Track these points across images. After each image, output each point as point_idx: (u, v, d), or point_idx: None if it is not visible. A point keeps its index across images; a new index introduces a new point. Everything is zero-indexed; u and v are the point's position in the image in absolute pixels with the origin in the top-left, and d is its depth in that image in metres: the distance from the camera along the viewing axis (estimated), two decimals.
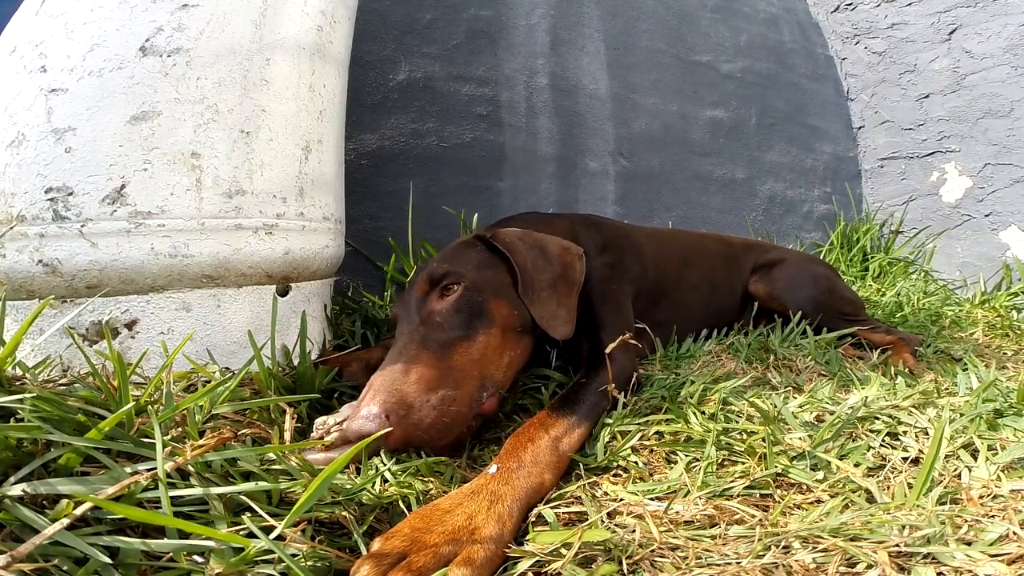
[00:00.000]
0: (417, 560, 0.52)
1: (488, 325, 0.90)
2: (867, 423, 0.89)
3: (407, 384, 0.76)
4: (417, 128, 1.99)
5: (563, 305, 0.97)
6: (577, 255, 1.06)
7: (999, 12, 2.55)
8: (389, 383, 0.76)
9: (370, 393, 0.76)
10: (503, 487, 0.64)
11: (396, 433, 0.72)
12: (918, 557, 0.56)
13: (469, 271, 0.95)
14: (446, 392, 0.78)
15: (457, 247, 1.04)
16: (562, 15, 2.36)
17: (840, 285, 1.68)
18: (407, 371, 0.78)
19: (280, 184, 1.02)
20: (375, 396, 0.74)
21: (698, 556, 0.57)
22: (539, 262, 1.00)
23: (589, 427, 0.84)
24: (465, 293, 0.91)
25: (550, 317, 0.95)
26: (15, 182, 0.87)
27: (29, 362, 0.80)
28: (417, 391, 0.76)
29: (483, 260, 0.99)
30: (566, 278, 1.01)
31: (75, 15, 0.92)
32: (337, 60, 1.22)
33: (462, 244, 1.04)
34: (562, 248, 1.06)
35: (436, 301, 0.91)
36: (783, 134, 2.95)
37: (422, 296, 0.92)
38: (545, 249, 1.03)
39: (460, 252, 1.01)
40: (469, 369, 0.83)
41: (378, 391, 0.75)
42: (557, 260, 1.03)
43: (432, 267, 0.96)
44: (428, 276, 0.93)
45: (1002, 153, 2.55)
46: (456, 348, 0.85)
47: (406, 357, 0.81)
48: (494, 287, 0.95)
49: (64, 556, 0.47)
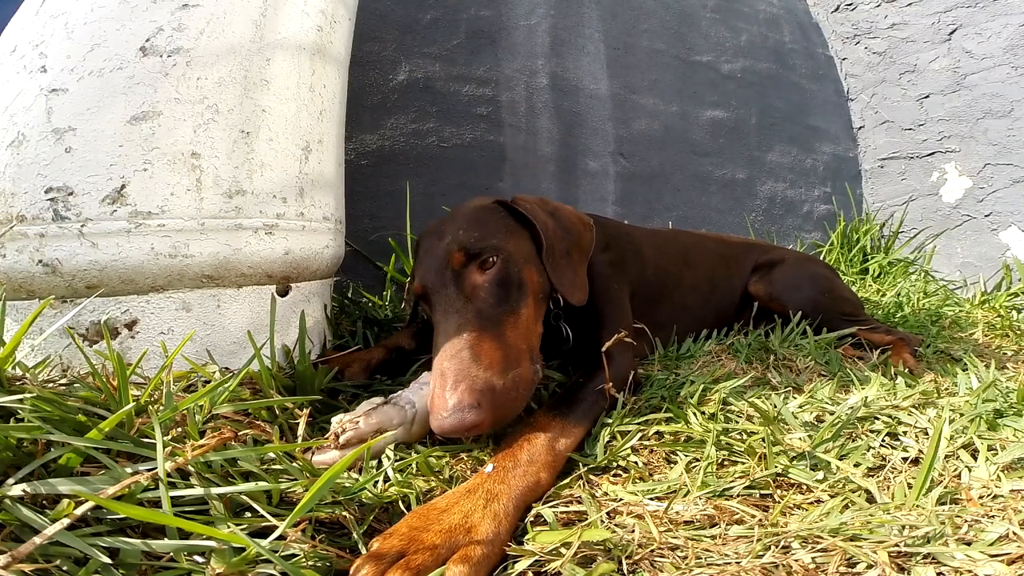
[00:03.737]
0: (415, 559, 0.53)
1: (525, 296, 0.91)
2: (867, 423, 0.89)
3: (483, 368, 0.76)
4: (417, 128, 1.99)
5: (578, 273, 1.00)
6: (588, 225, 1.08)
7: (999, 12, 2.55)
8: (465, 370, 0.75)
9: (448, 383, 0.74)
10: (499, 486, 0.65)
11: (488, 419, 0.72)
12: (918, 557, 0.56)
13: (503, 241, 0.93)
14: (515, 371, 0.79)
15: (478, 211, 1.00)
16: (562, 15, 2.36)
17: (839, 285, 1.68)
18: (476, 355, 0.77)
19: (280, 184, 1.02)
20: (457, 385, 0.73)
21: (698, 556, 0.57)
22: (557, 230, 1.01)
23: (587, 427, 0.84)
24: (504, 266, 0.90)
25: (568, 284, 0.97)
26: (15, 182, 0.87)
27: (29, 362, 0.80)
28: (493, 374, 0.76)
29: (510, 227, 0.98)
30: (580, 247, 1.03)
31: (75, 15, 0.92)
32: (337, 60, 1.22)
33: (483, 208, 1.01)
34: (576, 217, 1.08)
35: (477, 274, 0.89)
36: (783, 134, 2.95)
37: (459, 268, 0.89)
38: (560, 216, 1.04)
39: (485, 217, 0.98)
40: (520, 343, 0.85)
41: (459, 379, 0.74)
42: (572, 228, 1.04)
43: (462, 236, 0.91)
44: (463, 248, 0.90)
45: (1002, 153, 2.56)
46: (507, 324, 0.86)
47: (468, 339, 0.79)
48: (525, 255, 0.96)
49: (64, 556, 0.47)
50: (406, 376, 1.09)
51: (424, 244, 0.99)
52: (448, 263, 0.90)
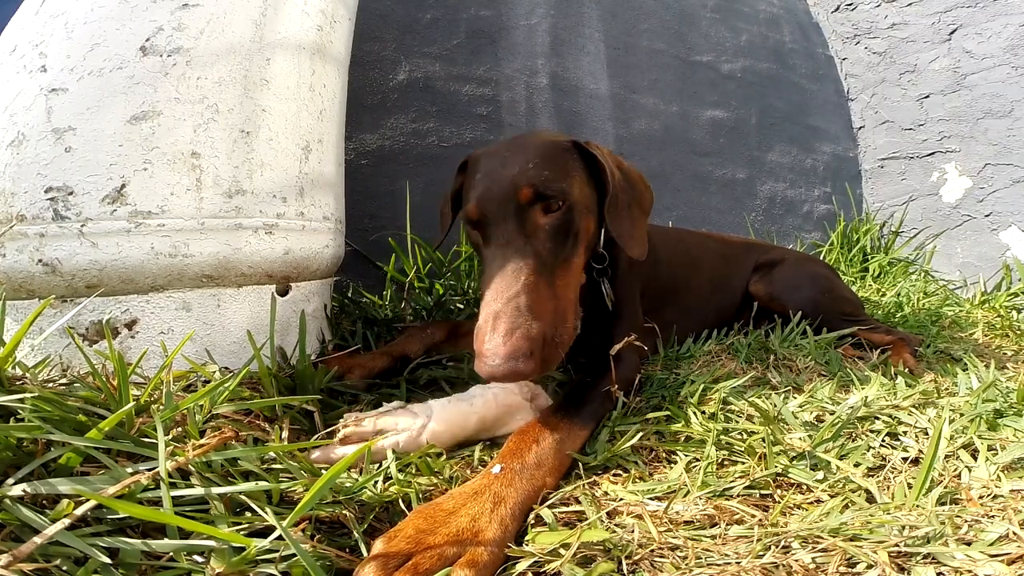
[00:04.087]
0: (423, 562, 0.52)
1: (578, 245, 0.91)
2: (867, 423, 0.89)
3: (536, 317, 0.76)
4: (417, 128, 1.99)
5: (637, 227, 0.99)
6: (648, 187, 1.07)
7: (999, 12, 2.55)
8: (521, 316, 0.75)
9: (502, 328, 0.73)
10: (506, 489, 0.64)
11: (536, 370, 0.73)
12: (918, 557, 0.56)
13: (573, 187, 0.92)
14: (562, 323, 0.80)
15: (550, 147, 0.95)
16: (562, 15, 2.36)
17: (840, 285, 1.68)
18: (531, 302, 0.77)
19: (280, 184, 1.02)
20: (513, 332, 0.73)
21: (698, 556, 0.57)
22: (623, 182, 0.99)
23: (592, 429, 0.84)
24: (568, 213, 0.89)
25: (627, 235, 0.95)
26: (15, 182, 0.87)
27: (29, 362, 0.80)
28: (546, 324, 0.76)
29: (578, 171, 0.96)
30: (641, 204, 1.03)
31: (75, 15, 0.92)
32: (337, 60, 1.22)
33: (555, 145, 0.96)
34: (639, 175, 1.07)
35: (540, 215, 0.87)
36: (783, 134, 2.95)
37: (525, 204, 0.86)
38: (626, 171, 1.03)
39: (556, 156, 0.94)
40: (569, 294, 0.86)
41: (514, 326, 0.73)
42: (635, 184, 1.03)
43: (532, 171, 0.88)
44: (533, 185, 0.86)
45: (1002, 153, 2.56)
46: (559, 272, 0.85)
47: (525, 283, 0.78)
48: (587, 204, 0.95)
49: (64, 556, 0.47)
50: (403, 375, 1.09)
51: (483, 166, 0.94)
52: (514, 196, 0.86)
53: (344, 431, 0.75)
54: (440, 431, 0.79)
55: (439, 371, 1.12)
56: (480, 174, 0.93)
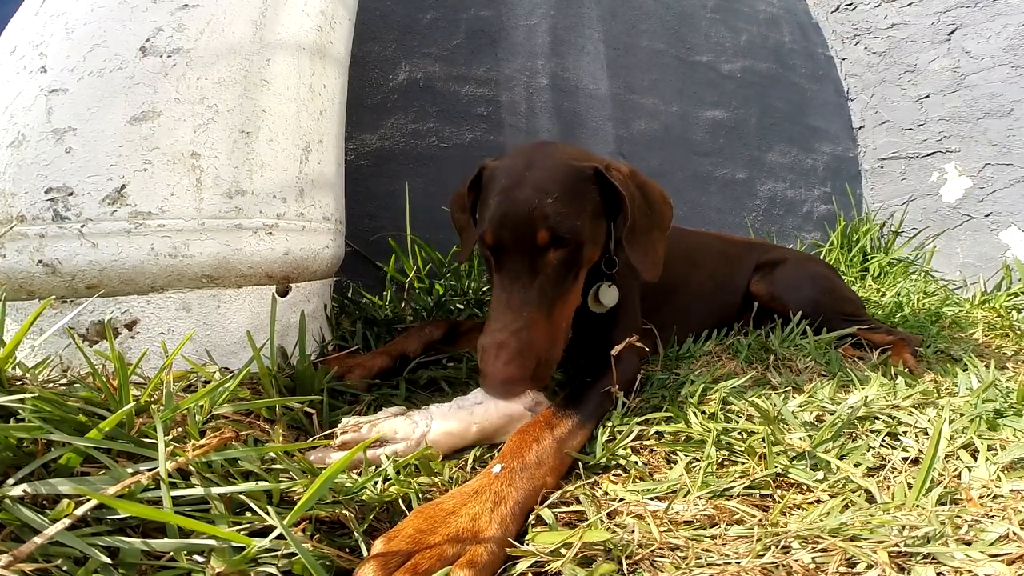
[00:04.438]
0: (422, 563, 0.52)
1: (578, 276, 0.96)
2: (867, 423, 0.89)
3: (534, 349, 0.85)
4: (417, 128, 1.99)
5: (656, 250, 1.00)
6: (669, 204, 1.08)
7: (999, 12, 2.55)
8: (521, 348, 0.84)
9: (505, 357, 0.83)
10: (507, 488, 0.64)
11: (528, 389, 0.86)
12: (918, 557, 0.56)
13: (586, 225, 0.93)
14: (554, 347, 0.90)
15: (571, 177, 0.95)
16: (562, 16, 2.36)
17: (840, 285, 1.68)
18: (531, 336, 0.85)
19: (280, 184, 1.02)
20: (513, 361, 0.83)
21: (698, 556, 0.57)
22: (643, 206, 1.00)
23: (593, 427, 0.84)
24: (576, 250, 0.93)
25: (644, 261, 0.97)
26: (15, 182, 0.87)
27: (29, 362, 0.80)
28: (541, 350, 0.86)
29: (595, 203, 0.97)
30: (661, 226, 1.04)
31: (75, 15, 0.92)
32: (337, 60, 1.22)
33: (576, 174, 0.95)
34: (661, 194, 1.07)
35: (552, 252, 0.90)
36: (783, 134, 2.95)
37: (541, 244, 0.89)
38: (648, 192, 1.03)
39: (577, 189, 0.94)
40: (562, 322, 0.93)
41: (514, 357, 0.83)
42: (656, 206, 1.04)
43: (550, 209, 0.89)
44: (551, 228, 0.88)
45: (1002, 153, 2.56)
46: (558, 302, 0.92)
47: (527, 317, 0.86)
48: (596, 237, 0.98)
49: (64, 556, 0.47)
50: (403, 375, 1.09)
51: (500, 184, 0.94)
52: (531, 235, 0.89)
53: (342, 437, 0.75)
54: (439, 440, 0.79)
55: (439, 371, 1.12)
56: (498, 195, 0.93)
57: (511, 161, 0.98)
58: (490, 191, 0.96)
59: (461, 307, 1.59)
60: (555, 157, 0.98)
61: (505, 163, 0.98)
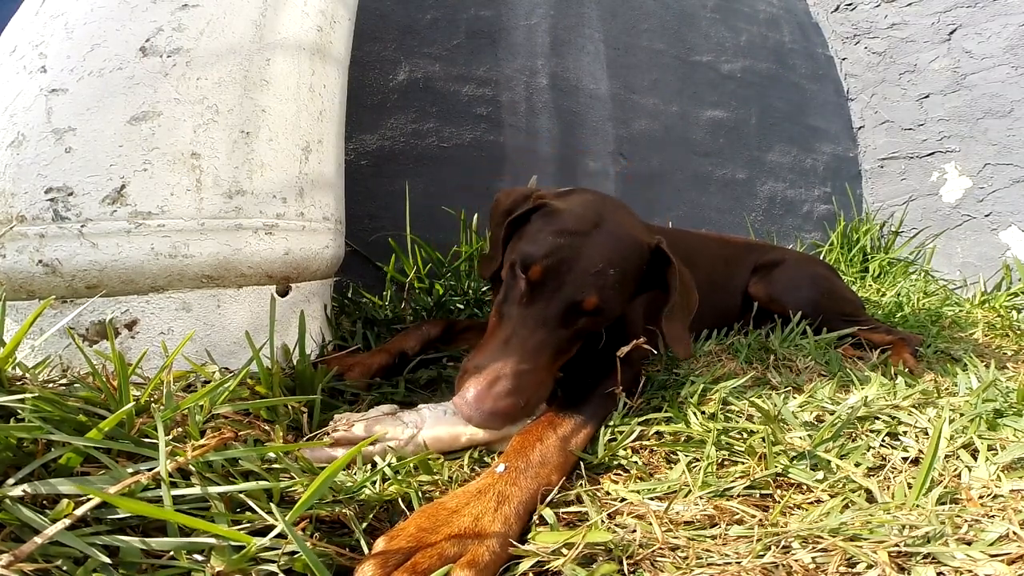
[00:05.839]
0: (422, 562, 0.52)
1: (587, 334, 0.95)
2: (867, 423, 0.89)
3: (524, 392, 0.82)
4: (417, 128, 1.99)
5: (685, 329, 1.01)
6: (694, 288, 1.08)
7: (999, 12, 2.55)
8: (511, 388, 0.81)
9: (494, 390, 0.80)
10: (511, 488, 0.64)
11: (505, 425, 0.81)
12: (918, 557, 0.56)
13: (623, 303, 0.96)
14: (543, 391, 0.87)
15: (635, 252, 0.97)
16: (562, 16, 2.36)
17: (840, 285, 1.68)
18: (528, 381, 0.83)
19: (280, 184, 1.02)
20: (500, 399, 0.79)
21: (698, 556, 0.57)
22: (682, 287, 1.01)
23: (595, 427, 0.84)
24: (604, 322, 0.94)
25: (676, 339, 0.98)
26: (15, 182, 0.87)
27: (29, 362, 0.80)
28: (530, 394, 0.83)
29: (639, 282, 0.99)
30: (688, 307, 1.04)
31: (75, 15, 0.92)
32: (337, 60, 1.22)
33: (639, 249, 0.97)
34: (690, 281, 1.07)
35: (585, 316, 0.90)
36: (783, 134, 2.95)
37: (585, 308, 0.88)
38: (684, 279, 1.04)
39: (635, 267, 0.97)
40: (556, 371, 0.92)
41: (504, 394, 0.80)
42: (687, 291, 1.05)
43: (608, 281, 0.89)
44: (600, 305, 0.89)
45: (1002, 153, 2.56)
46: (560, 357, 0.91)
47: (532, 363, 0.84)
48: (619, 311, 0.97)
49: (64, 556, 0.47)
50: (403, 374, 1.09)
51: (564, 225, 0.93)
52: (581, 292, 0.88)
53: (334, 435, 0.75)
54: (429, 443, 0.79)
55: (439, 370, 1.12)
56: (560, 236, 0.91)
57: (579, 208, 0.97)
58: (548, 227, 0.93)
59: (461, 307, 1.59)
60: (625, 224, 0.99)
61: (572, 207, 0.97)
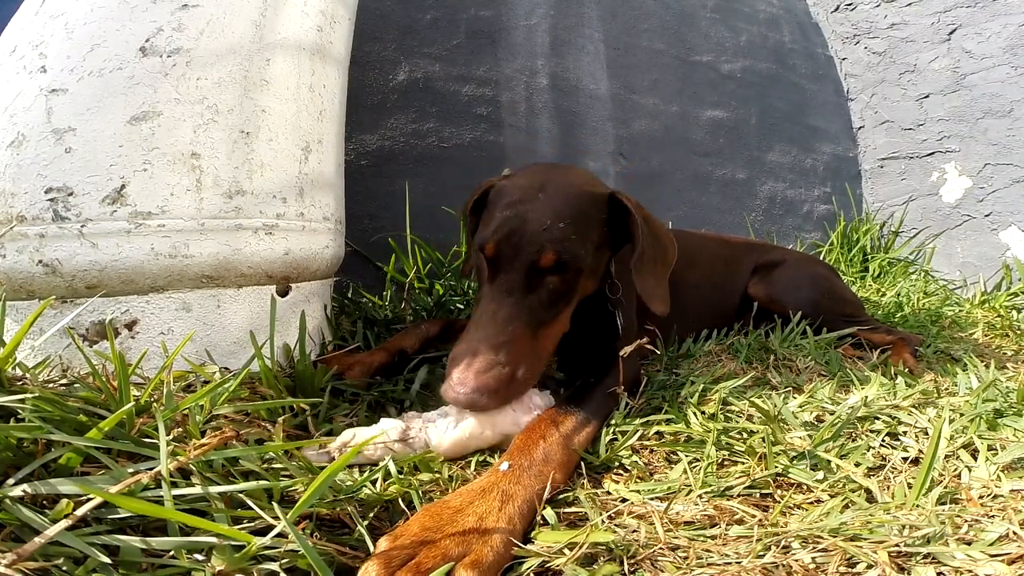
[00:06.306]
0: (425, 561, 0.52)
1: (571, 302, 0.93)
2: (867, 423, 0.89)
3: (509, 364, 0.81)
4: (417, 128, 1.99)
5: (660, 284, 0.99)
6: (672, 241, 1.06)
7: (999, 12, 2.55)
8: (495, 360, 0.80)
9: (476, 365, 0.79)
10: (514, 486, 0.64)
11: (494, 406, 0.79)
12: (918, 557, 0.56)
13: (590, 253, 0.93)
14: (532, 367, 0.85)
15: (585, 201, 0.94)
16: (562, 16, 2.36)
17: (840, 286, 1.68)
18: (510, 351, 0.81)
19: (280, 184, 1.02)
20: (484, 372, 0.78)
21: (699, 556, 0.57)
22: (649, 238, 0.99)
23: (598, 426, 0.84)
24: (575, 277, 0.91)
25: (651, 293, 0.96)
26: (15, 182, 0.87)
27: (29, 362, 0.80)
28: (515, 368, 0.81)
29: (603, 235, 0.97)
30: (664, 260, 1.02)
31: (75, 15, 0.92)
32: (337, 60, 1.22)
33: (590, 198, 0.95)
34: (664, 230, 1.06)
35: (549, 276, 0.88)
36: (783, 134, 2.95)
37: (544, 266, 0.87)
38: (652, 226, 1.02)
39: (588, 214, 0.94)
40: (548, 345, 0.90)
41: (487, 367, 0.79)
42: (660, 240, 1.03)
43: (559, 233, 0.87)
44: (557, 252, 0.87)
45: (1002, 153, 2.56)
46: (545, 325, 0.89)
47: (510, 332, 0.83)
48: (596, 267, 0.96)
49: (64, 556, 0.47)
50: (403, 374, 1.09)
51: (509, 198, 0.92)
52: (535, 255, 0.87)
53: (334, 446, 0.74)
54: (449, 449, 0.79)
55: (440, 370, 1.12)
56: (505, 208, 0.91)
57: (523, 179, 0.97)
58: (496, 205, 0.94)
59: (461, 307, 1.59)
60: (571, 181, 0.98)
61: (517, 180, 0.97)
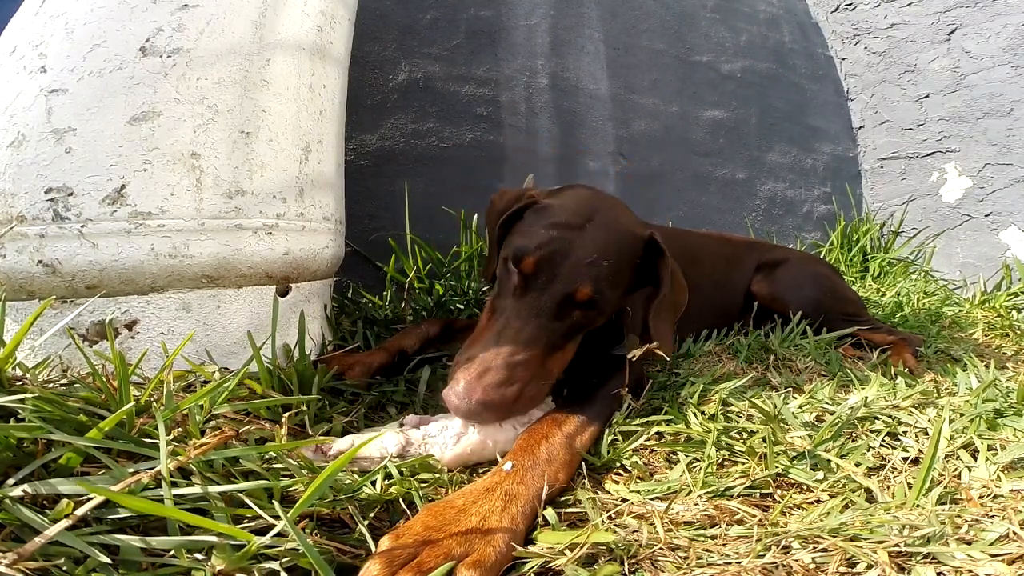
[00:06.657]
0: (427, 560, 0.52)
1: (583, 333, 0.94)
2: (867, 423, 0.89)
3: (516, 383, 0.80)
4: (417, 128, 1.99)
5: (671, 329, 1.00)
6: (684, 290, 1.07)
7: (999, 12, 2.55)
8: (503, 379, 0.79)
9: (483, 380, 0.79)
10: (518, 486, 0.64)
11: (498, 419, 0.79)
12: (918, 557, 0.56)
13: (616, 296, 0.93)
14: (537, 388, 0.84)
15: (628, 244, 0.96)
16: (562, 16, 2.36)
17: (841, 285, 1.68)
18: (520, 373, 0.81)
19: (280, 184, 1.02)
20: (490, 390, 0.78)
21: (699, 556, 0.57)
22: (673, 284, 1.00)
23: (601, 426, 0.84)
24: (596, 316, 0.92)
25: (663, 336, 0.96)
26: (15, 182, 0.87)
27: (29, 362, 0.80)
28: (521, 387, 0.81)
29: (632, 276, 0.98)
30: (676, 308, 1.03)
31: (75, 15, 0.92)
32: (337, 60, 1.22)
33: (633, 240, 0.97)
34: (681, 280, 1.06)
35: (578, 309, 0.89)
36: (783, 134, 2.95)
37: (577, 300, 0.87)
38: (675, 277, 1.03)
39: (628, 258, 0.95)
40: (555, 369, 0.90)
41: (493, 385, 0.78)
42: (678, 290, 1.03)
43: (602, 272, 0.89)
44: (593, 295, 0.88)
45: (1002, 153, 2.55)
46: (557, 351, 0.89)
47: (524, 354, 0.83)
48: (616, 307, 0.96)
49: (64, 555, 0.47)
50: (403, 374, 1.09)
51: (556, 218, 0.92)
52: (573, 283, 0.87)
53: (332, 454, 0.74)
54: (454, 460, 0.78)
55: (440, 370, 1.12)
56: (553, 229, 0.91)
57: (571, 203, 0.97)
58: (539, 222, 0.93)
59: (461, 307, 1.59)
60: (618, 217, 0.99)
61: (563, 202, 0.97)
